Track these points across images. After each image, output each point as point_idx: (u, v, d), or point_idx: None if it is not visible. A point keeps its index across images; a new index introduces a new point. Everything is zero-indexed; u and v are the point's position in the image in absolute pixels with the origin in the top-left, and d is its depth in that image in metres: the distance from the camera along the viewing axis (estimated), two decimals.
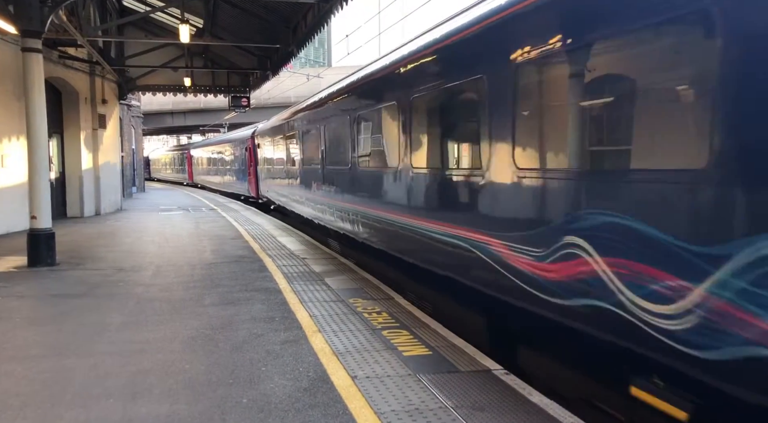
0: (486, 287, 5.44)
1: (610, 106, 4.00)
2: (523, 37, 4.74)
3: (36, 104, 9.79)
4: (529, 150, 4.83)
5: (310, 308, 6.76)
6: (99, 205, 19.48)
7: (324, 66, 74.28)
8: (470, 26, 5.71)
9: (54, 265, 9.76)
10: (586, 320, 4.00)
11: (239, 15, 16.19)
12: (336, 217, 10.95)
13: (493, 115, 5.25)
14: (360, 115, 9.20)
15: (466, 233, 5.75)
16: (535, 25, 4.60)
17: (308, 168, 13.13)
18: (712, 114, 3.07)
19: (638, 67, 3.64)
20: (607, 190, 3.87)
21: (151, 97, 31.22)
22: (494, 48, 5.22)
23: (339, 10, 11.49)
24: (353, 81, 9.64)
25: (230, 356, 5.11)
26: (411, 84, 7.11)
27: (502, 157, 5.12)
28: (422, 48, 6.81)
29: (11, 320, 6.47)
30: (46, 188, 10.04)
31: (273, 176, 19.05)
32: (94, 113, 19.28)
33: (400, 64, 7.49)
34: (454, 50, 6.07)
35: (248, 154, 25.01)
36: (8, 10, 9.93)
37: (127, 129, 28.67)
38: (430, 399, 4.14)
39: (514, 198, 4.95)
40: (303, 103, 14.21)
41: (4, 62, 13.78)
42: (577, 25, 4.13)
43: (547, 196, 4.53)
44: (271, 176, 19.56)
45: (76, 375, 4.72)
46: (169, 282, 8.39)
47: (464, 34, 5.83)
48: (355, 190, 9.64)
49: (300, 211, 14.81)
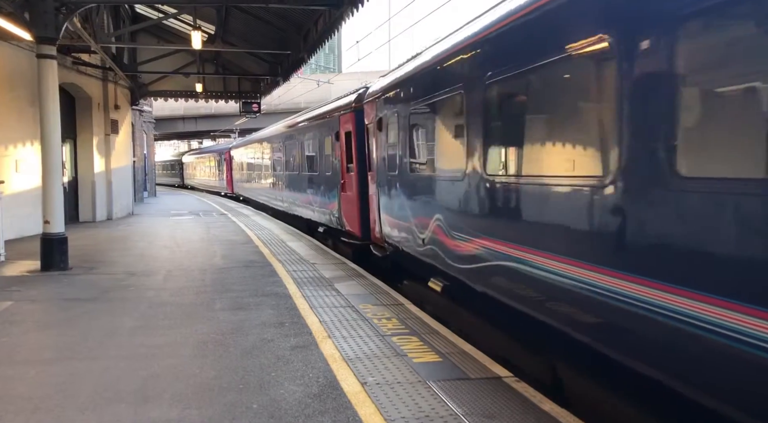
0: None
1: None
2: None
3: (50, 110, 9.90)
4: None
5: (320, 314, 6.77)
6: (111, 210, 19.63)
7: (334, 72, 74.48)
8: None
9: (67, 269, 9.84)
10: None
11: (251, 22, 16.30)
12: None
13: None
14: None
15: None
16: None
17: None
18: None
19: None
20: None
21: (163, 103, 31.50)
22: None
23: (350, 16, 11.53)
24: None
25: (240, 361, 5.12)
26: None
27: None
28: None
29: (24, 324, 6.53)
30: (60, 193, 10.14)
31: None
32: (106, 118, 19.46)
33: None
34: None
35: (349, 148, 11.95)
36: (24, 18, 10.05)
37: (139, 134, 28.89)
38: (441, 406, 4.12)
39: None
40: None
41: (19, 68, 13.95)
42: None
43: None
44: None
45: (87, 379, 4.74)
46: (180, 286, 8.42)
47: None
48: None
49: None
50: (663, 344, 3.32)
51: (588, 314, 4.13)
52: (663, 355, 3.34)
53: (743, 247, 2.85)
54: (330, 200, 13.50)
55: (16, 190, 13.49)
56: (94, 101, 18.73)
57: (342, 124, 12.17)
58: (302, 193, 16.69)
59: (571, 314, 4.32)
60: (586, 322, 4.18)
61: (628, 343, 3.68)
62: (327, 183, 13.66)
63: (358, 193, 11.30)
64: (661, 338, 3.33)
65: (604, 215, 3.91)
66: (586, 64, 4.12)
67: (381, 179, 9.60)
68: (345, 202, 12.23)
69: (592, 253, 4.00)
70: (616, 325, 3.77)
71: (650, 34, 3.42)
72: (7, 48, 13.53)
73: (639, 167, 3.52)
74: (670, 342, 3.25)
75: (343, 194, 12.25)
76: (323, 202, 14.17)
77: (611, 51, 3.75)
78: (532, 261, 4.76)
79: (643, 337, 3.50)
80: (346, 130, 11.86)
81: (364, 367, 4.95)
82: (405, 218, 8.24)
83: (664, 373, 3.36)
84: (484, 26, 5.71)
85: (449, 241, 6.55)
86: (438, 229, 6.88)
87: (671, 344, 3.25)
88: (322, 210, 14.41)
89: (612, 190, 3.75)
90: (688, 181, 3.16)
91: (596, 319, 4.05)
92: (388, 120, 9.00)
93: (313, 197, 15.19)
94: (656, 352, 3.40)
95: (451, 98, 6.46)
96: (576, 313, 4.26)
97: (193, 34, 14.12)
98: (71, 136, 18.08)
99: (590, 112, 4.14)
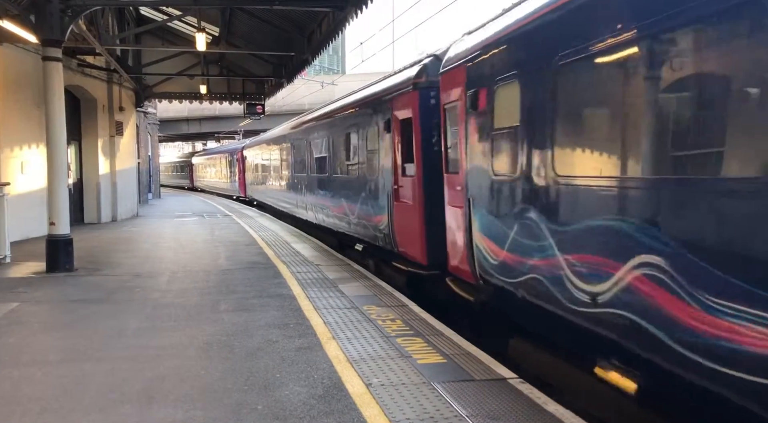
0: None
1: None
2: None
3: (56, 112, 9.95)
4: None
5: (325, 315, 6.78)
6: (116, 211, 19.69)
7: (338, 73, 74.61)
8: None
9: (72, 270, 9.88)
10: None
11: (255, 23, 16.34)
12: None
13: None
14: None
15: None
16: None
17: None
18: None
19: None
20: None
21: (167, 105, 31.53)
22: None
23: (354, 18, 11.55)
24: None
25: (245, 362, 5.13)
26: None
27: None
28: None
29: (30, 325, 6.56)
30: (65, 195, 10.18)
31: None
32: (111, 120, 19.53)
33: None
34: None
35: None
36: (30, 20, 10.11)
37: (143, 136, 28.97)
38: (445, 407, 4.13)
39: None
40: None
41: (25, 71, 14.02)
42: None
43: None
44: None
45: (93, 380, 4.76)
46: (185, 288, 8.45)
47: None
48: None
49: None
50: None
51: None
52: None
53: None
54: (375, 211, 10.11)
55: (22, 192, 13.54)
56: (99, 103, 18.80)
57: (396, 110, 9.11)
58: (334, 201, 12.94)
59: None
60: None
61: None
62: (371, 189, 10.33)
63: (421, 202, 8.32)
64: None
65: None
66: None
67: (480, 185, 6.30)
68: (400, 215, 9.13)
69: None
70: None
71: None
72: (13, 50, 13.60)
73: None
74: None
75: (397, 204, 9.18)
76: (365, 213, 10.74)
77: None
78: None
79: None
80: (403, 117, 8.89)
81: (368, 368, 4.96)
82: (538, 251, 5.05)
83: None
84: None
85: (694, 314, 3.33)
86: (646, 283, 3.70)
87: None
88: (362, 223, 10.97)
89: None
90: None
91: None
92: (500, 89, 5.79)
93: (350, 206, 11.70)
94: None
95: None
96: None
97: (198, 36, 14.17)
98: (76, 138, 18.15)
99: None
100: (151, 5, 17.38)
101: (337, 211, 12.83)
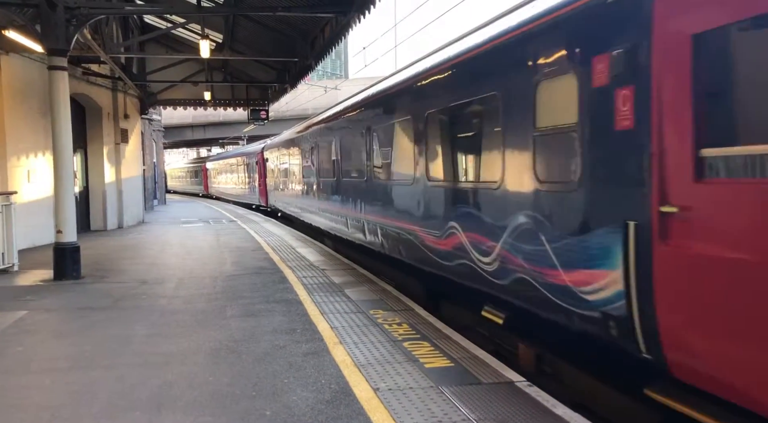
0: None
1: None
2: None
3: (61, 121, 10.01)
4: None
5: (331, 320, 6.79)
6: (122, 219, 19.78)
7: (341, 78, 74.82)
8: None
9: (79, 278, 9.92)
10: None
11: (258, 29, 16.42)
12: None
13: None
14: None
15: None
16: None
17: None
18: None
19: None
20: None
21: (172, 111, 31.75)
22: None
23: (356, 23, 11.59)
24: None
25: (253, 368, 5.15)
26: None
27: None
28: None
29: (39, 333, 6.59)
30: (72, 203, 10.23)
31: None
32: (116, 128, 19.63)
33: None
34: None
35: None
36: (35, 30, 10.19)
37: (148, 143, 29.10)
38: (453, 411, 4.13)
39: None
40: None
41: (31, 80, 14.12)
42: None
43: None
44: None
45: (102, 387, 4.79)
46: (192, 294, 8.48)
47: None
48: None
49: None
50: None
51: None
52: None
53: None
54: (573, 258, 4.59)
55: (29, 200, 13.62)
56: (104, 111, 18.91)
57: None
58: (434, 227, 7.31)
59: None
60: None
61: None
62: (566, 212, 4.73)
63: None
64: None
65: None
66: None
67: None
68: (692, 284, 3.51)
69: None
70: None
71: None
72: (19, 60, 13.70)
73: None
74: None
75: (678, 253, 3.58)
76: (534, 259, 5.13)
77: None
78: None
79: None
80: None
81: (375, 372, 4.96)
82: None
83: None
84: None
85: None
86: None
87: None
88: (517, 275, 5.41)
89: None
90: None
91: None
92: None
93: (490, 245, 5.92)
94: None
95: None
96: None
97: (201, 43, 14.24)
98: (82, 146, 18.25)
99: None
100: (154, 13, 17.47)
101: (451, 246, 6.82)
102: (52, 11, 9.71)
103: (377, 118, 9.66)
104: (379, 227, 9.70)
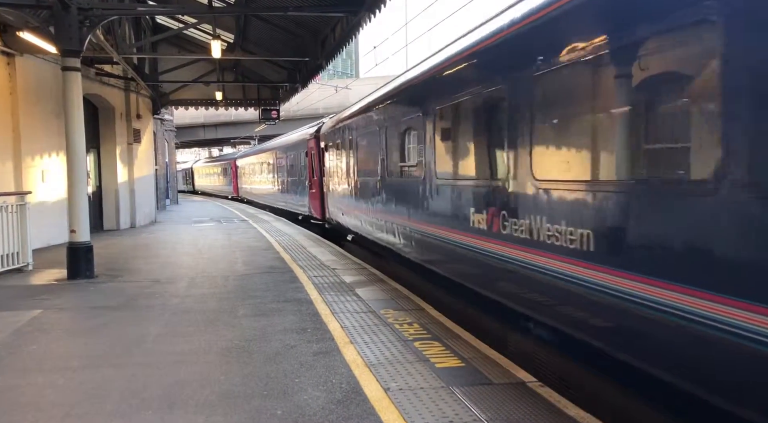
0: None
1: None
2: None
3: (75, 121, 10.09)
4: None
5: (342, 319, 6.79)
6: (134, 218, 19.92)
7: (352, 77, 74.89)
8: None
9: (92, 277, 10.00)
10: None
11: (269, 29, 16.47)
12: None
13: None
14: None
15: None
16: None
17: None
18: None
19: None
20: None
21: (184, 111, 31.84)
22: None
23: (367, 22, 11.59)
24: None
25: (264, 368, 5.16)
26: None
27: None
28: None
29: (52, 332, 6.65)
30: (85, 203, 10.32)
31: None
32: (129, 128, 19.78)
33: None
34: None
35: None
36: (49, 31, 10.29)
37: (160, 142, 29.29)
38: (464, 412, 4.12)
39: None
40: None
41: (45, 81, 14.25)
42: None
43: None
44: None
45: (115, 386, 4.82)
46: (204, 293, 8.52)
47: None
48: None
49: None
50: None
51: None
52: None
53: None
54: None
55: (43, 200, 13.75)
56: (117, 111, 19.05)
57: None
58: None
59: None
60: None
61: None
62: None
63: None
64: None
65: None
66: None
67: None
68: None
69: None
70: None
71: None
72: (33, 61, 13.83)
73: None
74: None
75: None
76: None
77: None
78: None
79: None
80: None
81: (386, 372, 4.96)
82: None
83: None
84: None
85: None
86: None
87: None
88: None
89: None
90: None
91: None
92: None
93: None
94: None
95: None
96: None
97: (213, 43, 14.31)
98: (95, 146, 18.40)
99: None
100: (166, 14, 17.57)
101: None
102: (66, 12, 9.79)
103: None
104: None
